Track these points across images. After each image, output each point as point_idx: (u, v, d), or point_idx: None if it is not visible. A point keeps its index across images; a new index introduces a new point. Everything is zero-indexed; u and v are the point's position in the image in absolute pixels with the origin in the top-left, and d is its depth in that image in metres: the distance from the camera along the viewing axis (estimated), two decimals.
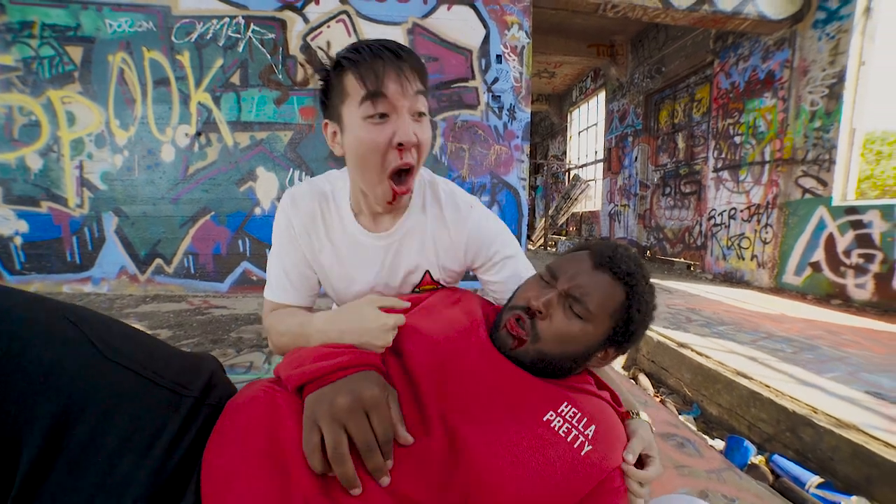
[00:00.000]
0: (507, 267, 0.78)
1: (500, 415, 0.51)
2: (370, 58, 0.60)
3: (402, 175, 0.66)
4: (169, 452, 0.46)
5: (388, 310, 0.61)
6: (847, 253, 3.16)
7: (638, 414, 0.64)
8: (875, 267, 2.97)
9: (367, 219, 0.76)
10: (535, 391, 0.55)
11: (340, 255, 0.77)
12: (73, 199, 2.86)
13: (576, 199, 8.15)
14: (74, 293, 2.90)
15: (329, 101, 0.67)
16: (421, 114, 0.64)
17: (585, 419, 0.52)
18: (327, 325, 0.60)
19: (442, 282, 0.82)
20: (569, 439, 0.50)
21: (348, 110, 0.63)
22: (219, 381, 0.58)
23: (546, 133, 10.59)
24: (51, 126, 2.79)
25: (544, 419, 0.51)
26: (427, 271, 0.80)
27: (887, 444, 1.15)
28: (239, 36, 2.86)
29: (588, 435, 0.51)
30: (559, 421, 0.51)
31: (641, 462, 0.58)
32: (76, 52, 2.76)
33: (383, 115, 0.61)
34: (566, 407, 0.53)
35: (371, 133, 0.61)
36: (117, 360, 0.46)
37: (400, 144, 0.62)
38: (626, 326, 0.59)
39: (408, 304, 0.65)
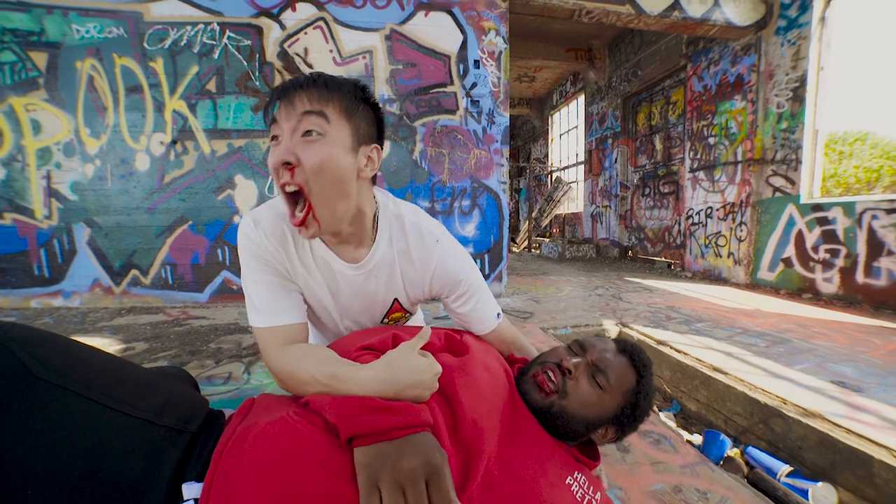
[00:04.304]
0: (472, 299, 0.83)
1: (534, 473, 0.57)
2: (280, 88, 0.64)
3: (294, 200, 0.65)
4: (105, 476, 0.44)
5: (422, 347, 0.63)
6: (815, 248, 3.29)
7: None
8: (840, 261, 3.10)
9: (335, 245, 0.76)
10: (558, 455, 0.63)
11: (314, 279, 0.77)
12: (40, 211, 2.75)
13: (558, 201, 8.27)
14: (44, 308, 2.79)
15: None
16: (309, 132, 0.62)
17: (593, 487, 0.63)
18: (382, 386, 0.55)
19: (407, 306, 0.86)
20: (584, 502, 0.60)
21: None
22: (179, 401, 0.56)
23: (528, 136, 10.73)
24: (14, 134, 2.69)
25: (566, 482, 0.59)
26: (396, 299, 0.83)
27: (848, 431, 1.20)
28: (214, 42, 2.82)
29: (598, 499, 0.61)
30: (576, 486, 0.60)
31: None
32: (40, 58, 2.67)
33: (276, 138, 0.64)
34: (579, 474, 0.62)
35: (269, 155, 0.65)
36: (51, 379, 0.44)
37: (274, 164, 0.62)
38: (633, 410, 0.69)
39: (429, 335, 0.65)
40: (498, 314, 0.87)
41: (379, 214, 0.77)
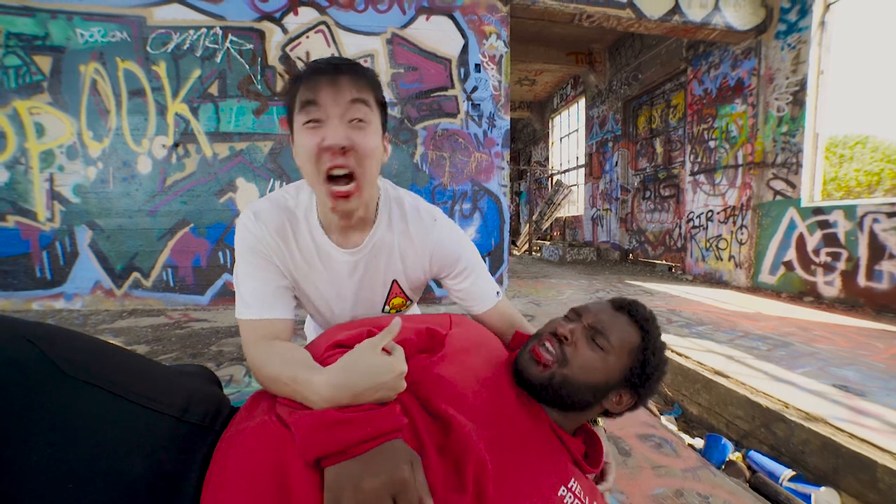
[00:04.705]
0: (470, 276, 0.84)
1: (526, 484, 0.54)
2: (314, 71, 0.65)
3: (339, 180, 0.66)
4: (136, 472, 0.45)
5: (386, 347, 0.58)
6: (816, 252, 3.29)
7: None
8: (841, 265, 3.10)
9: (336, 234, 0.76)
10: (552, 461, 0.58)
11: (315, 270, 0.77)
12: (42, 213, 2.76)
13: (559, 204, 8.28)
14: (45, 310, 2.79)
15: (288, 114, 0.70)
16: (360, 120, 0.65)
17: (589, 497, 0.59)
18: (337, 392, 0.50)
19: (407, 290, 0.86)
20: None
21: (297, 118, 0.66)
22: (203, 398, 0.56)
23: (529, 139, 10.75)
24: (17, 137, 2.71)
25: (559, 494, 0.55)
26: (395, 280, 0.83)
27: (851, 436, 1.20)
28: (217, 46, 2.84)
29: None
30: (570, 497, 0.55)
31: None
32: (45, 62, 2.69)
33: (317, 121, 0.64)
34: (574, 483, 0.57)
35: (306, 137, 0.64)
36: (80, 376, 0.45)
37: (330, 147, 0.63)
38: (643, 369, 0.64)
39: (399, 328, 0.58)
40: (497, 292, 0.87)
41: (380, 198, 0.79)
